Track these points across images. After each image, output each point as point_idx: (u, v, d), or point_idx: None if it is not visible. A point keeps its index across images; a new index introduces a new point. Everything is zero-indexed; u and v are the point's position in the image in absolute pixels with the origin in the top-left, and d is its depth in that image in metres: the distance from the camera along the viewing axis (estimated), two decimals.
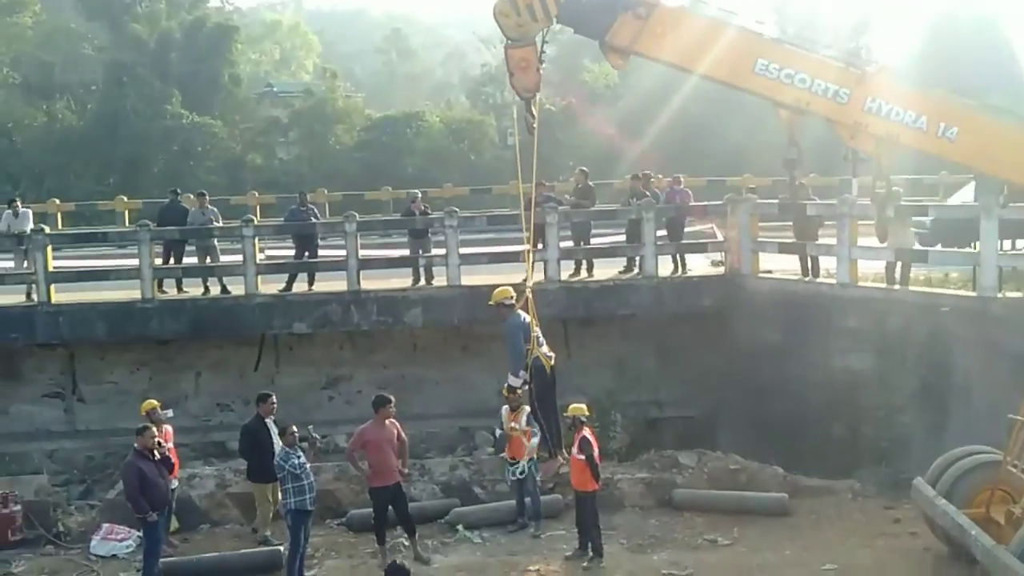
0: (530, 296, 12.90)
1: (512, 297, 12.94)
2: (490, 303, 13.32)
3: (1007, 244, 18.05)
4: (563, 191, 24.93)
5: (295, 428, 13.30)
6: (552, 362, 13.07)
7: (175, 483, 14.62)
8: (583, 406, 13.67)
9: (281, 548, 13.59)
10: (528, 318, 12.80)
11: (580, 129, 52.03)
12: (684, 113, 46.74)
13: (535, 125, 10.53)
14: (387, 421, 13.80)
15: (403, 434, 13.97)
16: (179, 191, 22.51)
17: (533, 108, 10.40)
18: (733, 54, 10.12)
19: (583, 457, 13.17)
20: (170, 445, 14.38)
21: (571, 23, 10.48)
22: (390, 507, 13.75)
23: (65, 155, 49.15)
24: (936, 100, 10.74)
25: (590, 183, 21.46)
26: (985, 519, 12.28)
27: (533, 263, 13.27)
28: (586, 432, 13.37)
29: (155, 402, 15.04)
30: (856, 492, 15.83)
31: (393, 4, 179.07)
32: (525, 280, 13.33)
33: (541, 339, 13.03)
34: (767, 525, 14.72)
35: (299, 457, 12.98)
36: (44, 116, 52.68)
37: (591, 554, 13.43)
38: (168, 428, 14.75)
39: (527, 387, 13.09)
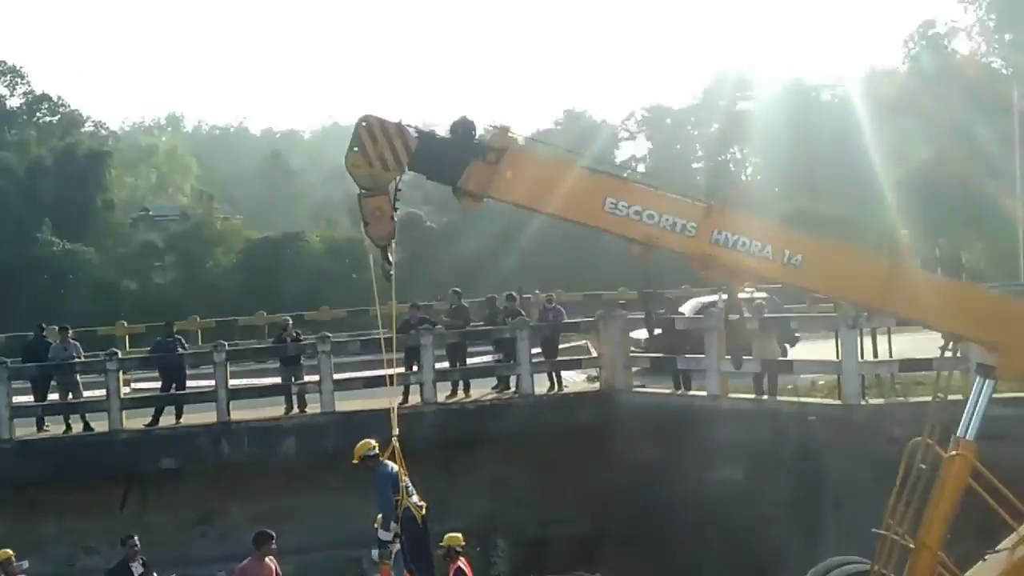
0: (396, 445, 12.70)
1: (375, 448, 12.88)
2: (353, 462, 13.11)
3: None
4: (440, 310, 24.95)
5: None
6: (423, 512, 12.89)
7: None
8: (458, 535, 13.36)
9: None
10: (396, 467, 12.58)
11: (460, 245, 52.50)
12: (561, 224, 47.62)
13: (392, 272, 10.58)
14: (266, 559, 13.30)
15: (280, 572, 13.47)
16: (44, 326, 21.75)
17: (390, 255, 10.46)
18: (582, 195, 10.39)
19: None
20: None
21: (423, 171, 10.66)
22: None
23: None
24: (780, 229, 11.23)
25: (464, 303, 21.55)
26: None
27: (396, 411, 13.11)
28: (461, 563, 13.04)
29: (9, 552, 14.24)
30: None
31: (273, 121, 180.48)
32: (390, 430, 13.03)
33: (411, 488, 12.90)
34: None
35: None
36: None
37: None
38: None
39: (398, 540, 12.76)
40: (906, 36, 57.90)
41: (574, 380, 21.77)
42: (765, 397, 17.96)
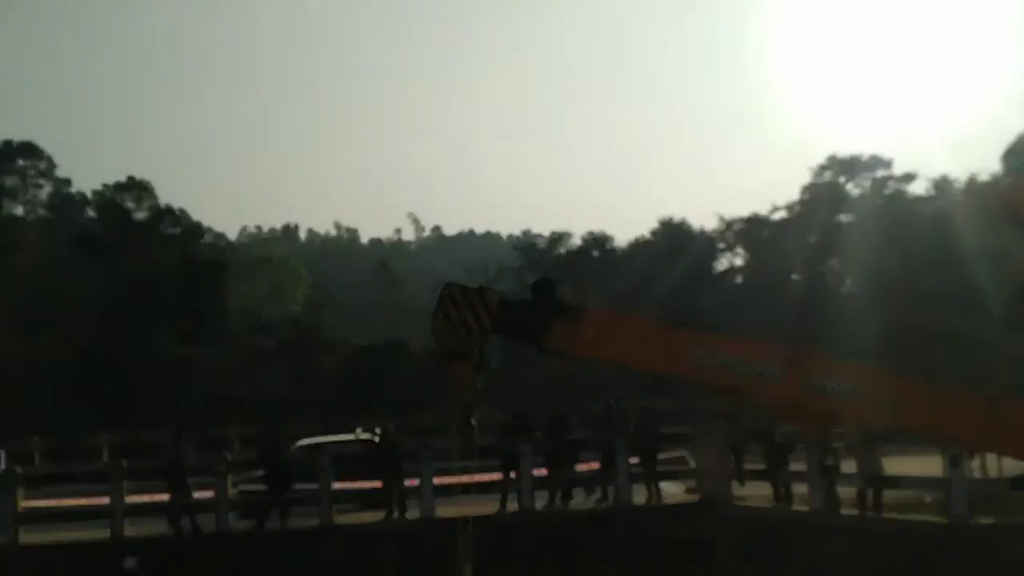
0: None
1: None
2: None
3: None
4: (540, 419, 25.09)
5: None
6: None
7: None
8: None
9: None
10: None
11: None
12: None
13: (474, 439, 10.88)
14: None
15: None
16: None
17: (472, 420, 10.78)
18: (667, 349, 10.66)
19: None
20: None
21: (507, 332, 11.10)
22: None
23: (56, 391, 49.46)
24: (869, 370, 11.23)
25: (563, 412, 21.68)
26: None
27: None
28: None
29: None
30: None
31: (380, 231, 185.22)
32: None
33: None
34: None
35: None
36: (36, 353, 53.34)
37: None
38: None
39: None
40: (1008, 145, 57.05)
41: (672, 491, 21.58)
42: (870, 513, 17.54)
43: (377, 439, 22.16)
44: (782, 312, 50.26)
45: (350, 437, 24.14)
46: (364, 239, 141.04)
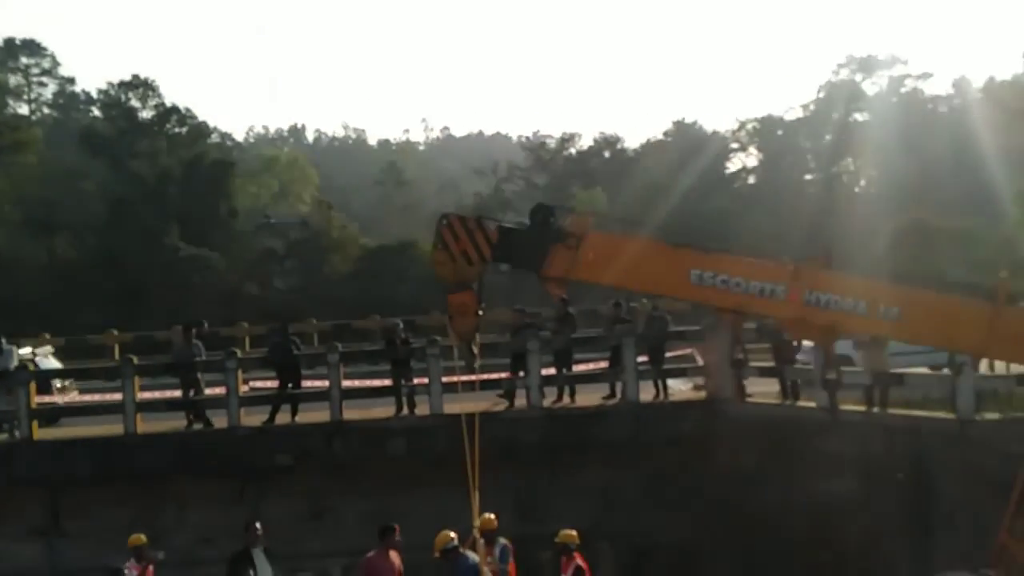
0: (478, 537, 12.39)
1: (454, 540, 12.37)
2: (435, 555, 12.88)
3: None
4: (547, 317, 25.12)
5: None
6: None
7: None
8: (573, 532, 13.44)
9: None
10: (476, 559, 12.25)
11: None
12: (670, 235, 47.45)
13: (476, 364, 10.79)
14: (391, 551, 13.66)
15: (400, 566, 13.83)
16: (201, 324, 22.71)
17: (474, 348, 10.70)
18: (667, 270, 10.47)
19: None
20: None
21: (506, 260, 10.92)
22: None
23: (65, 289, 49.70)
24: (873, 283, 11.07)
25: (570, 310, 21.68)
26: None
27: (479, 503, 12.88)
28: (579, 560, 13.13)
29: (143, 537, 14.93)
30: None
31: (390, 132, 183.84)
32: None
33: None
34: None
35: None
36: (45, 252, 53.54)
37: None
38: (151, 567, 14.64)
39: None
40: None
41: (680, 389, 21.68)
42: (876, 410, 17.62)
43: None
44: (796, 213, 49.98)
45: None
46: (372, 140, 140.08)
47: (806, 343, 17.19)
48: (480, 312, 10.56)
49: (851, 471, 17.15)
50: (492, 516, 14.09)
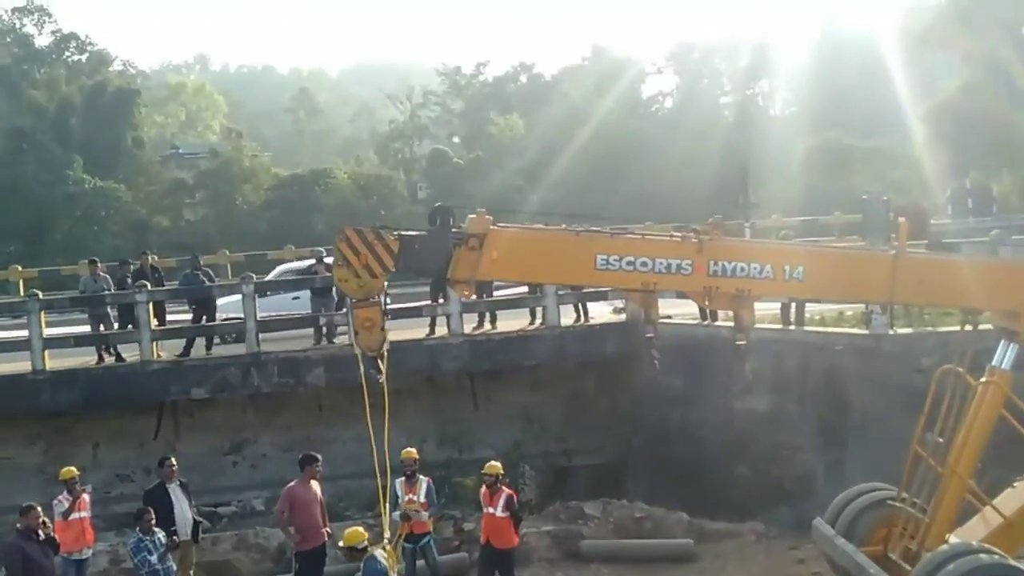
0: (388, 547, 11.49)
1: (364, 541, 11.33)
2: (340, 545, 11.95)
3: None
4: None
5: (151, 515, 12.86)
6: None
7: (89, 552, 14.27)
8: (498, 464, 13.40)
9: None
10: (386, 563, 11.26)
11: (489, 180, 52.45)
12: (588, 160, 47.57)
13: (382, 379, 10.44)
14: (312, 481, 13.52)
15: (322, 496, 13.71)
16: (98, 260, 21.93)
17: (381, 364, 10.37)
18: (572, 258, 10.29)
19: (507, 515, 12.95)
20: (86, 514, 14.07)
21: (411, 269, 10.60)
22: None
23: None
24: (775, 247, 11.17)
25: None
26: (883, 557, 12.41)
27: (389, 515, 12.41)
28: (508, 490, 13.21)
29: (74, 470, 14.55)
30: (760, 534, 15.93)
31: (299, 60, 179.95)
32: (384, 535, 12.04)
33: None
34: (674, 572, 14.72)
35: (150, 552, 12.56)
36: None
37: None
38: (85, 496, 14.34)
39: None
40: None
41: (600, 312, 21.76)
42: (792, 327, 17.89)
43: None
44: (713, 135, 50.24)
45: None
46: (282, 70, 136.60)
47: None
48: (384, 328, 10.29)
49: (767, 388, 17.44)
50: (412, 450, 14.01)
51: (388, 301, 10.40)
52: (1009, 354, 11.53)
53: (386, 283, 10.23)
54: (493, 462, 13.42)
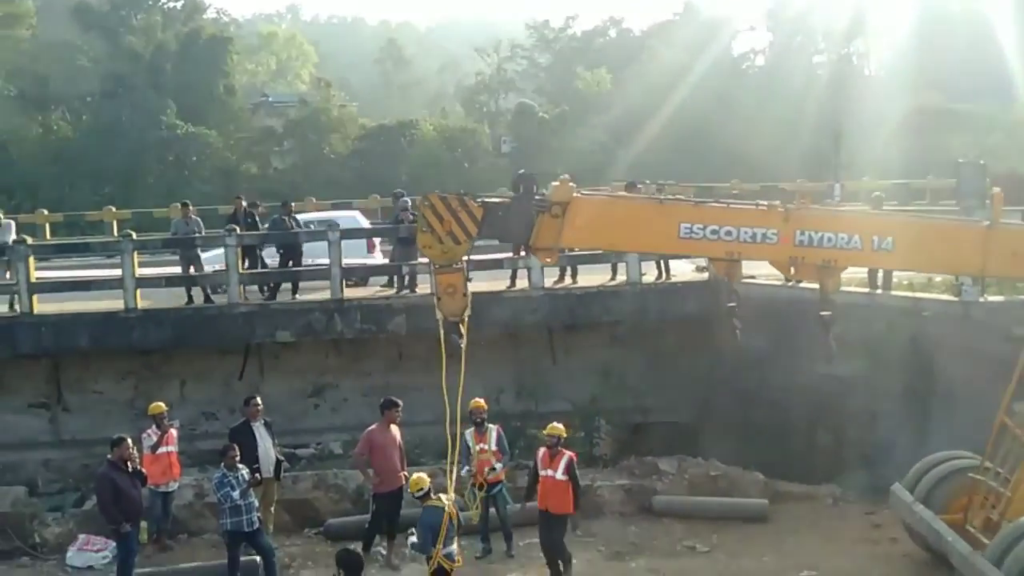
0: (450, 503, 11.44)
1: (423, 489, 11.45)
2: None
3: None
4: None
5: (235, 451, 13.16)
6: (454, 567, 11.54)
7: (175, 486, 14.93)
8: (560, 426, 13.09)
9: (257, 559, 13.46)
10: (446, 511, 11.30)
11: (574, 135, 52.09)
12: (677, 119, 46.92)
13: (463, 343, 10.47)
14: (391, 425, 13.78)
15: (401, 441, 13.97)
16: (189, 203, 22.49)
17: (461, 328, 10.39)
18: (656, 227, 10.21)
19: (566, 478, 12.69)
20: (173, 448, 14.73)
21: (494, 236, 10.62)
22: None
23: (61, 167, 49.26)
24: (864, 217, 10.92)
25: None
26: (963, 525, 12.23)
27: (459, 467, 12.62)
28: (569, 453, 12.95)
29: (163, 405, 15.11)
30: (837, 498, 15.79)
31: (389, 13, 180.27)
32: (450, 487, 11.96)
33: (452, 538, 11.49)
34: (747, 531, 14.66)
35: (232, 487, 12.82)
36: (40, 128, 52.82)
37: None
38: (172, 431, 14.90)
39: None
40: None
41: (682, 270, 21.58)
42: (879, 291, 17.53)
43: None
44: (805, 95, 49.11)
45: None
46: (372, 21, 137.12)
47: None
48: (467, 294, 10.35)
49: (853, 353, 17.10)
50: (481, 400, 14.13)
51: (470, 268, 10.49)
52: None
53: (471, 249, 10.32)
54: (555, 423, 13.20)
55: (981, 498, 12.25)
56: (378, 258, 22.90)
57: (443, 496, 11.43)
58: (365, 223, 25.56)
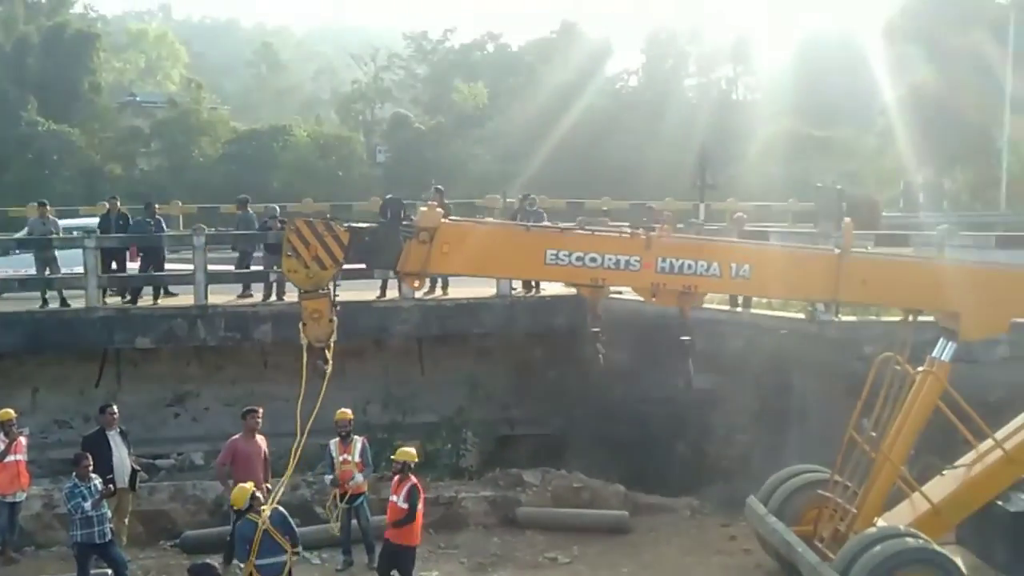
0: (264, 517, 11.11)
1: (241, 504, 11.16)
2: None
3: None
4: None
5: (89, 461, 12.76)
6: None
7: (23, 496, 14.41)
8: (413, 450, 12.68)
9: (108, 572, 13.02)
10: (261, 526, 11.02)
11: (449, 148, 52.19)
12: (555, 134, 47.52)
13: (327, 369, 10.43)
14: (256, 435, 13.50)
15: (267, 451, 13.69)
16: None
17: (327, 353, 10.35)
18: (522, 254, 10.43)
19: (407, 506, 12.02)
20: (21, 457, 14.20)
21: (361, 261, 10.63)
22: None
23: None
24: (723, 245, 11.39)
25: (446, 201, 21.39)
26: (812, 537, 12.70)
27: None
28: (415, 480, 12.29)
29: (11, 412, 14.48)
30: (694, 509, 16.19)
31: (264, 16, 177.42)
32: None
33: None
34: (607, 543, 14.90)
35: (84, 498, 12.41)
36: None
37: None
38: (22, 439, 14.34)
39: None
40: None
41: (553, 284, 21.78)
42: (740, 309, 18.10)
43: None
44: (674, 116, 50.31)
45: None
46: (247, 24, 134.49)
47: None
48: (333, 320, 10.28)
49: (712, 367, 17.60)
50: (347, 411, 14.02)
51: (337, 293, 10.40)
52: (948, 349, 11.83)
53: (337, 276, 10.24)
54: (406, 448, 12.76)
55: (830, 511, 12.74)
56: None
57: (262, 510, 11.20)
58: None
